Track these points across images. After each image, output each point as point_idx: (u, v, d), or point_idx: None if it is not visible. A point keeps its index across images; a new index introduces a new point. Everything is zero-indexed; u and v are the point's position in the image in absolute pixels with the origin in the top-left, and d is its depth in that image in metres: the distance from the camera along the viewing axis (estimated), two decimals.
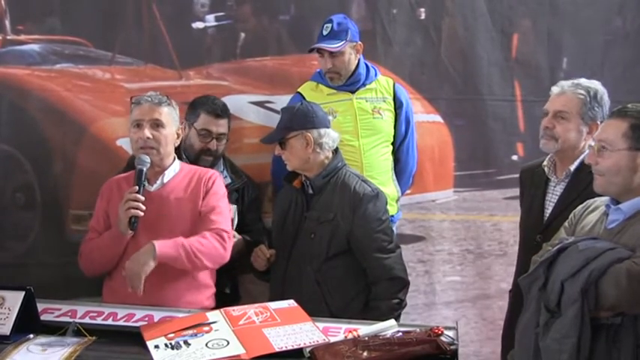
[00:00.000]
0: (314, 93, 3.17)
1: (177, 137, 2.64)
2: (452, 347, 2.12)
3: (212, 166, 2.99)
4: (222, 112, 3.02)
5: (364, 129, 3.09)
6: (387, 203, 2.81)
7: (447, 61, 3.55)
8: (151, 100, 2.56)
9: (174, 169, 2.63)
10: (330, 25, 3.08)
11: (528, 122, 3.68)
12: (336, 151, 2.78)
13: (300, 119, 2.72)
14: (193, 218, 2.59)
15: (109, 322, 2.37)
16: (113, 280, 2.60)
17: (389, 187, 3.13)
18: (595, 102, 2.55)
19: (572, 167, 2.56)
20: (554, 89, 2.66)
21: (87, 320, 2.37)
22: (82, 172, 3.30)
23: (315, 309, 2.44)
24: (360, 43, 3.14)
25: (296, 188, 2.79)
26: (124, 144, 3.25)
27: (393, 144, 3.24)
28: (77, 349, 2.14)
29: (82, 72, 3.36)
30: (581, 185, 2.46)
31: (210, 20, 3.38)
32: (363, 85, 3.17)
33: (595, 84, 2.62)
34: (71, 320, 2.34)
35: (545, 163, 2.66)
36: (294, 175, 2.79)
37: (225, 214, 2.64)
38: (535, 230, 2.58)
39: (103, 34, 3.35)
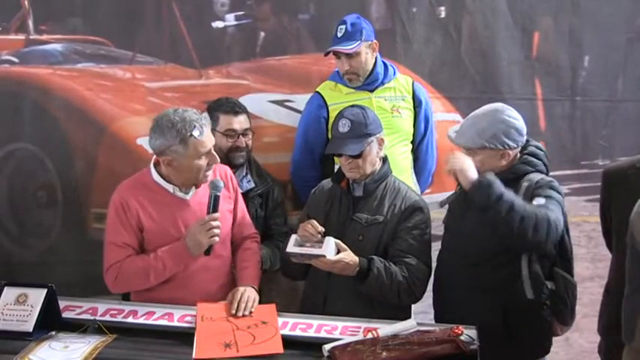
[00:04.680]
0: (333, 92, 3.17)
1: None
2: (472, 347, 2.11)
3: (246, 161, 3.03)
4: (239, 108, 3.02)
5: (383, 128, 3.08)
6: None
7: (467, 59, 3.54)
8: (208, 126, 2.51)
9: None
10: (343, 26, 3.07)
11: (549, 121, 3.66)
12: (385, 158, 2.74)
13: (374, 123, 2.66)
14: (230, 218, 2.65)
15: (130, 320, 2.39)
16: (148, 291, 2.54)
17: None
18: None
19: None
20: None
21: (107, 318, 2.39)
22: (103, 171, 3.31)
23: (361, 312, 2.45)
24: (375, 41, 3.13)
25: (342, 189, 2.73)
26: (144, 143, 3.25)
27: (412, 143, 3.24)
28: (98, 347, 2.17)
29: (103, 71, 3.37)
30: None
31: (230, 19, 3.39)
32: (382, 83, 3.16)
33: None
34: (92, 318, 2.37)
35: None
36: (342, 176, 2.74)
37: None
38: None
39: (123, 34, 3.37)
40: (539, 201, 2.41)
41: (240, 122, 2.99)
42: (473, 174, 2.43)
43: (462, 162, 2.46)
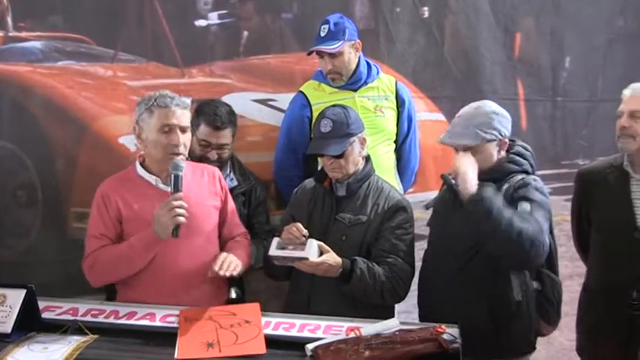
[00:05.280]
0: (316, 92, 3.17)
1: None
2: (454, 345, 2.12)
3: (228, 160, 3.03)
4: (222, 123, 2.93)
5: (366, 127, 3.05)
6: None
7: (449, 59, 3.57)
8: (178, 103, 2.50)
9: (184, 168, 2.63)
10: (326, 26, 3.08)
11: (531, 121, 3.69)
12: (368, 158, 2.74)
13: (356, 122, 2.66)
14: (216, 215, 2.65)
15: (111, 320, 2.37)
16: (133, 289, 2.55)
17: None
18: None
19: None
20: (626, 92, 2.75)
21: (88, 318, 2.36)
22: (84, 169, 3.28)
23: (345, 312, 2.44)
24: (358, 41, 3.14)
25: (325, 189, 2.73)
26: (126, 142, 3.24)
27: (395, 142, 3.25)
28: (79, 348, 2.14)
29: (84, 69, 3.34)
30: None
31: (213, 18, 3.37)
32: (365, 83, 3.17)
33: None
34: (72, 318, 2.34)
35: (625, 162, 2.73)
36: (324, 176, 2.74)
37: None
38: (628, 229, 2.66)
39: (105, 32, 3.34)
40: (524, 206, 2.41)
41: (217, 137, 2.94)
42: (473, 184, 2.41)
43: (467, 166, 2.44)
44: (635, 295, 2.65)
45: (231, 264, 2.48)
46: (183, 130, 2.50)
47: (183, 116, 2.50)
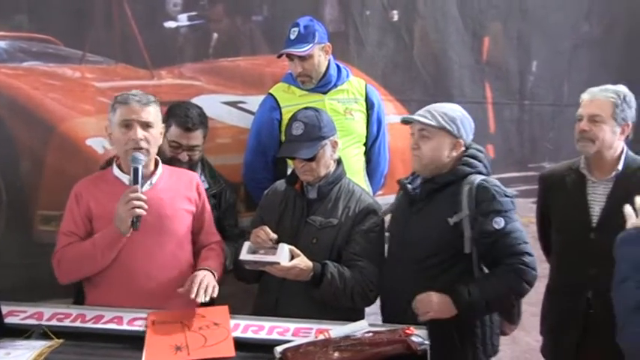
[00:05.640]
0: (286, 94, 3.17)
1: (161, 136, 2.60)
2: (422, 347, 2.14)
3: (198, 162, 3.00)
4: (194, 125, 2.92)
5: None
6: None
7: (418, 63, 3.60)
8: (140, 99, 2.50)
9: (160, 169, 2.61)
10: (296, 29, 3.08)
11: (498, 124, 3.74)
12: (339, 160, 2.74)
13: (328, 126, 2.66)
14: (189, 219, 2.63)
15: (77, 324, 2.33)
16: (99, 287, 2.53)
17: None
18: (625, 104, 2.71)
19: (620, 167, 2.72)
20: (585, 96, 2.79)
21: (54, 322, 2.33)
22: (51, 172, 3.24)
23: (314, 314, 2.43)
24: (328, 44, 3.15)
25: (296, 191, 2.72)
26: (94, 144, 3.21)
27: (365, 145, 3.26)
28: (44, 352, 2.10)
29: (52, 70, 3.29)
30: (630, 183, 2.65)
31: (183, 20, 3.35)
32: (335, 86, 3.18)
33: (622, 87, 2.76)
34: (37, 323, 2.30)
35: (581, 165, 2.79)
36: (295, 178, 2.73)
37: None
38: (584, 230, 2.72)
39: (73, 32, 3.29)
40: (498, 223, 2.41)
41: (188, 138, 2.92)
42: (446, 312, 2.42)
43: (426, 307, 2.44)
44: (590, 295, 2.71)
45: (207, 287, 2.43)
46: (144, 125, 2.48)
47: (143, 112, 2.48)
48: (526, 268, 2.40)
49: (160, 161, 2.64)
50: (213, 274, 2.54)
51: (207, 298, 2.40)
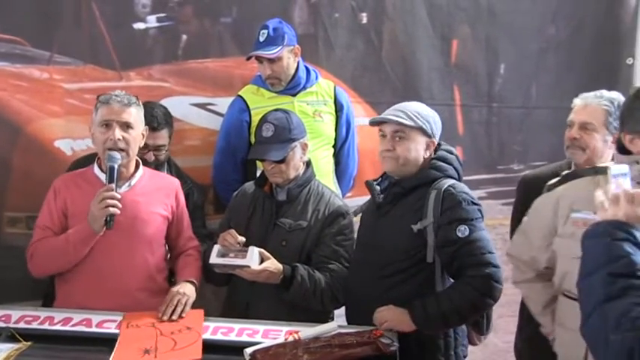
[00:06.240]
0: (255, 96, 3.17)
1: (142, 138, 2.60)
2: (391, 349, 2.16)
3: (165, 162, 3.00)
4: (159, 124, 2.92)
5: None
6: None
7: (388, 65, 3.61)
8: (121, 100, 2.50)
9: (140, 171, 2.60)
10: (265, 31, 3.08)
11: (467, 126, 3.77)
12: (308, 163, 2.74)
13: (298, 128, 2.65)
14: (163, 225, 2.63)
15: (46, 326, 2.32)
16: (69, 283, 2.52)
17: None
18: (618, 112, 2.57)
19: None
20: (577, 101, 2.70)
21: (22, 325, 2.31)
22: (18, 173, 3.20)
23: (284, 316, 2.44)
24: (297, 46, 3.16)
25: (265, 193, 2.71)
26: (62, 145, 3.19)
27: (334, 147, 3.28)
28: (11, 355, 2.10)
29: (19, 71, 3.25)
30: None
31: (152, 21, 3.33)
32: (304, 88, 3.19)
33: (617, 95, 2.65)
34: (5, 325, 2.29)
35: (567, 173, 2.63)
36: (264, 180, 2.72)
37: None
38: None
39: (40, 33, 3.25)
40: (462, 231, 2.31)
41: (154, 138, 2.91)
42: (405, 327, 2.33)
43: (387, 318, 2.35)
44: None
45: (177, 306, 2.44)
46: (124, 126, 2.49)
47: (124, 112, 2.49)
48: (489, 282, 2.28)
49: (142, 163, 2.64)
50: (194, 284, 2.57)
51: (176, 317, 2.41)
